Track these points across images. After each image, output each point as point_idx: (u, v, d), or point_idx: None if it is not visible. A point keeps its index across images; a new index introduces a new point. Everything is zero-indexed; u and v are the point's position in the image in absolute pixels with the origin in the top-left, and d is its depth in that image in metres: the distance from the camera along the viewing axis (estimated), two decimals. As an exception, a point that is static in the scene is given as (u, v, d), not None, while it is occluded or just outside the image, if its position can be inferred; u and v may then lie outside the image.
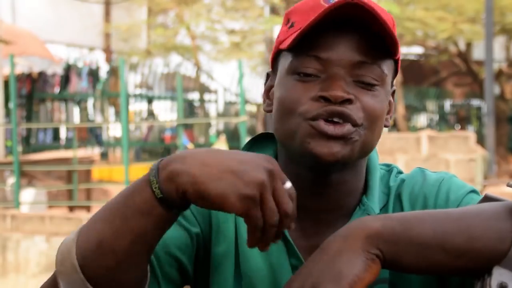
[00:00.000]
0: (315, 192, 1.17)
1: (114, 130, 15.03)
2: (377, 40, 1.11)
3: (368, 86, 1.12)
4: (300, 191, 1.12)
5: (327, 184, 1.16)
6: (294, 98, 1.12)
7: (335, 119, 1.10)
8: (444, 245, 0.97)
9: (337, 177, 1.16)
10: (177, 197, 0.98)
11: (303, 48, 1.12)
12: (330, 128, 1.10)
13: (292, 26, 1.16)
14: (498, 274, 0.96)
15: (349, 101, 1.10)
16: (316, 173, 1.15)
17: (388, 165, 1.27)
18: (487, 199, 1.06)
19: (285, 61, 1.15)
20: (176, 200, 0.98)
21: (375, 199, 1.19)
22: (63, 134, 15.01)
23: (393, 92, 1.21)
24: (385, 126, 1.19)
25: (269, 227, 0.95)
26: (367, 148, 1.15)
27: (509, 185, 1.04)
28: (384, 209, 1.20)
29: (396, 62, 1.17)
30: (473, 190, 1.19)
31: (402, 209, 1.19)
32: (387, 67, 1.14)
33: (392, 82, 1.19)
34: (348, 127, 1.10)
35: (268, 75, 1.25)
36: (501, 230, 0.97)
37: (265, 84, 1.25)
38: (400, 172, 1.26)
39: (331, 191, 1.17)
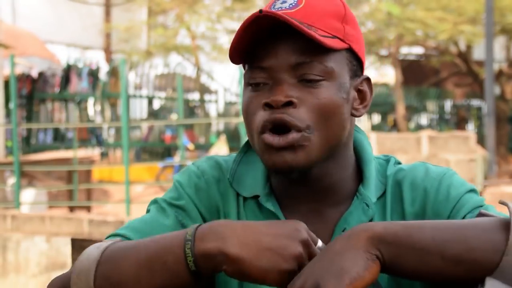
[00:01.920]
0: (300, 189, 1.21)
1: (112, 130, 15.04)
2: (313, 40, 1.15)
3: (312, 84, 1.15)
4: (287, 187, 1.20)
5: (308, 181, 1.19)
6: (250, 111, 1.17)
7: (280, 129, 1.14)
8: (443, 252, 1.00)
9: (316, 174, 1.19)
10: (211, 272, 1.04)
11: (249, 60, 1.18)
12: (274, 140, 1.13)
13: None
14: (491, 285, 0.99)
15: (291, 104, 1.14)
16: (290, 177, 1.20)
17: (386, 156, 1.30)
18: (481, 215, 1.10)
19: (244, 69, 1.21)
20: (209, 274, 1.04)
21: (371, 188, 1.21)
22: (63, 134, 15.01)
23: (368, 80, 1.24)
24: (356, 116, 1.21)
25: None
26: (328, 144, 1.17)
27: (501, 202, 1.07)
28: (382, 197, 1.22)
29: (351, 51, 1.19)
30: (473, 189, 1.21)
31: (401, 197, 1.21)
32: (333, 60, 1.16)
33: (356, 71, 1.21)
34: (292, 135, 1.13)
35: None
36: (495, 242, 1.01)
37: None
38: (398, 163, 1.28)
39: (315, 185, 1.20)
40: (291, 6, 1.17)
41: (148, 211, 1.26)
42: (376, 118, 20.48)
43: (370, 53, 17.60)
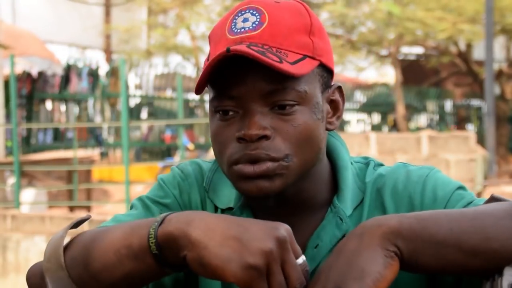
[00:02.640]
0: (273, 203, 1.15)
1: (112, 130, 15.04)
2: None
3: (286, 111, 1.09)
4: (264, 204, 1.14)
5: (283, 198, 1.14)
6: (220, 141, 1.11)
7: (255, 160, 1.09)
8: (461, 244, 0.96)
9: (290, 192, 1.14)
10: (173, 258, 0.96)
11: (215, 87, 1.11)
12: (249, 170, 1.07)
13: (208, 58, 1.15)
14: (509, 275, 0.96)
15: (265, 137, 1.08)
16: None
17: (365, 158, 1.25)
18: (493, 199, 1.05)
19: (209, 95, 1.15)
20: (171, 260, 0.97)
21: (346, 200, 1.16)
22: (63, 133, 15.02)
23: (339, 88, 1.18)
24: (330, 130, 1.16)
25: None
26: (305, 168, 1.12)
27: (494, 197, 1.05)
28: (359, 207, 1.17)
29: (322, 65, 1.14)
30: (461, 186, 1.16)
31: (383, 206, 1.16)
32: (305, 81, 1.10)
33: (327, 82, 1.15)
34: (268, 165, 1.08)
35: None
36: None
37: None
38: (380, 165, 1.23)
39: (290, 201, 1.15)
40: (254, 26, 1.10)
41: (132, 207, 1.23)
42: (376, 118, 20.49)
43: (370, 53, 17.60)
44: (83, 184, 10.32)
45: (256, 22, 1.11)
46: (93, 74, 15.68)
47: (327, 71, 1.15)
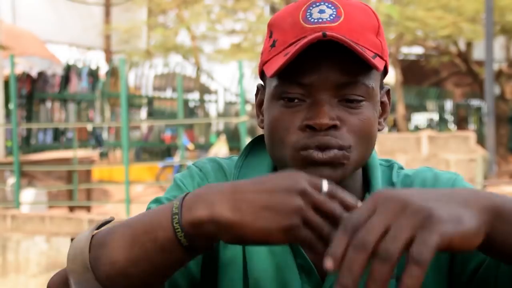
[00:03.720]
0: None
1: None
2: (359, 58, 1.09)
3: (354, 105, 1.11)
4: None
5: None
6: (282, 127, 1.12)
7: (323, 147, 1.10)
8: None
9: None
10: (205, 243, 0.96)
11: (285, 74, 1.11)
12: (318, 154, 1.09)
13: (273, 45, 1.14)
14: None
15: (334, 127, 1.10)
16: None
17: (388, 161, 1.27)
18: None
19: (270, 84, 1.15)
20: (201, 246, 0.97)
21: None
22: (63, 133, 15.02)
23: (388, 92, 1.21)
24: (379, 130, 1.18)
25: (326, 237, 0.91)
26: (360, 163, 1.15)
27: None
28: None
29: (384, 66, 1.16)
30: None
31: None
32: (373, 78, 1.13)
33: (381, 84, 1.18)
34: (334, 152, 1.09)
35: (257, 89, 1.24)
36: None
37: (256, 97, 1.25)
38: (401, 168, 1.25)
39: None
40: (332, 18, 1.11)
41: (148, 209, 1.20)
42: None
43: (370, 53, 17.60)
44: (83, 184, 10.32)
45: (333, 15, 1.12)
46: (93, 74, 15.68)
47: (384, 73, 1.18)
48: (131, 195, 8.91)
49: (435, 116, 21.23)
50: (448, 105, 21.69)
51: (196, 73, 18.69)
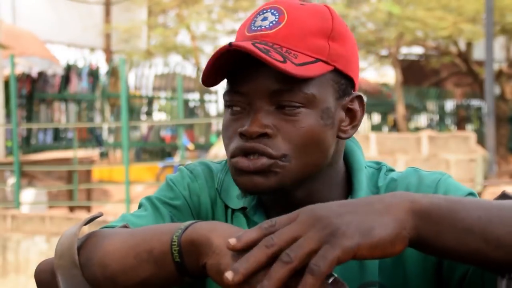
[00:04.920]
0: (286, 204, 1.16)
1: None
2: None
3: (290, 112, 1.10)
4: (274, 201, 1.17)
5: (295, 200, 1.15)
6: (227, 135, 1.14)
7: (251, 155, 1.10)
8: (486, 234, 0.94)
9: (301, 194, 1.15)
10: (193, 266, 0.95)
11: (228, 82, 1.13)
12: (244, 163, 1.09)
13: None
14: None
15: (266, 135, 1.09)
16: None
17: (377, 163, 1.25)
18: (505, 196, 1.04)
19: (223, 92, 1.17)
20: (191, 268, 0.96)
21: None
22: (63, 133, 15.02)
23: (359, 98, 1.17)
24: (342, 138, 1.15)
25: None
26: (308, 170, 1.12)
27: (505, 194, 1.04)
28: None
29: (338, 71, 1.13)
30: (471, 192, 1.16)
31: None
32: (316, 85, 1.10)
33: (345, 89, 1.15)
34: (262, 161, 1.09)
35: None
36: None
37: None
38: (391, 170, 1.23)
39: (304, 203, 1.12)
40: (271, 25, 1.11)
41: (140, 206, 1.22)
42: (376, 118, 20.50)
43: (370, 53, 17.61)
44: (83, 184, 10.32)
45: (274, 22, 1.12)
46: (93, 74, 15.68)
47: (345, 78, 1.15)
48: (131, 195, 8.91)
49: (435, 117, 21.24)
50: (448, 105, 21.69)
51: (196, 73, 18.69)
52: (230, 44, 1.06)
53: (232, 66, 1.11)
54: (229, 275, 0.86)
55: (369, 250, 0.87)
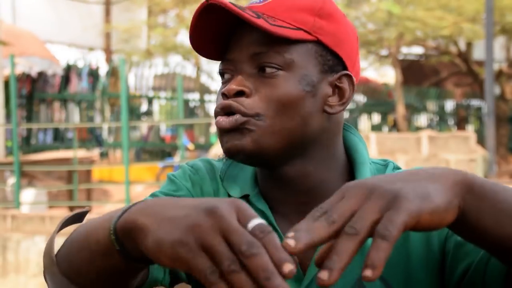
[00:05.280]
0: (284, 190, 1.19)
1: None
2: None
3: (269, 74, 1.14)
4: (272, 189, 1.19)
5: (288, 181, 1.18)
6: (217, 102, 1.18)
7: (229, 114, 1.14)
8: None
9: (292, 173, 1.17)
10: (135, 252, 0.89)
11: (222, 54, 1.19)
12: (219, 120, 1.14)
13: None
14: None
15: (242, 93, 1.14)
16: (260, 167, 1.20)
17: (384, 160, 1.26)
18: None
19: None
20: (134, 254, 0.90)
21: None
22: (63, 134, 15.01)
23: (348, 76, 1.19)
24: (329, 113, 1.17)
25: (228, 275, 0.77)
26: (286, 135, 1.14)
27: None
28: None
29: (323, 45, 1.16)
30: None
31: None
32: (295, 51, 1.14)
33: (332, 66, 1.17)
34: (236, 118, 1.13)
35: None
36: None
37: None
38: (397, 168, 1.24)
39: (297, 186, 1.18)
40: (261, 1, 1.18)
41: None
42: (376, 118, 20.49)
43: (370, 53, 17.60)
44: (83, 184, 10.32)
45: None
46: (93, 74, 15.68)
47: (333, 55, 1.18)
48: (131, 195, 8.91)
49: (435, 117, 21.24)
50: (448, 105, 21.69)
51: (196, 73, 18.69)
52: (207, 0, 1.11)
53: (224, 35, 1.17)
54: (290, 242, 0.78)
55: (430, 215, 0.84)
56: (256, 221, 0.80)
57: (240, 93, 1.14)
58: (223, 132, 1.14)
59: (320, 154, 1.18)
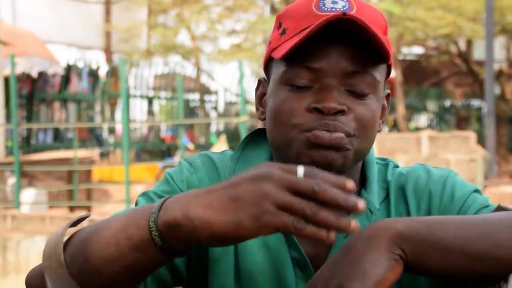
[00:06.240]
0: None
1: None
2: (369, 48, 1.11)
3: (360, 95, 1.12)
4: None
5: None
6: (288, 109, 1.12)
7: (331, 131, 1.11)
8: (468, 250, 0.97)
9: None
10: (180, 246, 0.95)
11: (295, 58, 1.12)
12: (325, 135, 1.10)
13: (284, 33, 1.15)
14: None
15: (341, 112, 1.11)
16: None
17: (384, 159, 1.28)
18: (500, 209, 1.07)
19: (277, 70, 1.15)
20: (177, 248, 0.95)
21: (374, 193, 1.19)
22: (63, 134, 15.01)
23: (388, 96, 1.21)
24: (378, 131, 1.19)
25: (312, 217, 0.87)
26: (360, 156, 1.16)
27: (500, 207, 1.06)
28: (385, 201, 1.20)
29: (388, 65, 1.17)
30: (477, 189, 1.19)
31: (406, 203, 1.19)
32: (379, 73, 1.14)
33: (384, 85, 1.18)
34: (341, 136, 1.11)
35: (259, 82, 1.25)
36: None
37: (256, 91, 1.25)
38: (396, 166, 1.26)
39: None
40: (345, 8, 1.12)
41: (137, 203, 1.22)
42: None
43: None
44: (83, 184, 10.31)
45: (346, 6, 1.13)
46: (93, 74, 15.67)
47: (387, 73, 1.19)
48: (131, 195, 8.90)
49: (435, 117, 21.23)
50: (448, 105, 21.68)
51: (196, 73, 18.68)
52: (344, 14, 1.06)
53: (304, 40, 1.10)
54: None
55: (379, 285, 0.94)
56: (300, 167, 0.90)
57: (338, 112, 1.11)
58: (319, 147, 1.10)
59: (354, 166, 1.20)
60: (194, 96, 18.90)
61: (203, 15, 17.75)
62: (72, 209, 9.77)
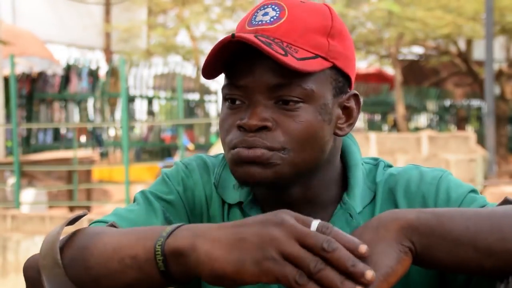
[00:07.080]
0: (282, 199, 1.17)
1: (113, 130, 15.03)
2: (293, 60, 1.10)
3: (290, 106, 1.10)
4: (269, 196, 1.17)
5: (290, 196, 1.16)
6: (225, 128, 1.14)
7: (251, 147, 1.10)
8: (476, 243, 0.95)
9: (297, 190, 1.16)
10: (182, 275, 0.94)
11: (226, 75, 1.14)
12: (244, 152, 1.09)
13: None
14: None
15: (266, 128, 1.10)
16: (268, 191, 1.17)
17: (375, 159, 1.26)
18: (507, 202, 1.05)
19: (222, 86, 1.17)
20: (178, 276, 0.95)
21: (356, 197, 1.17)
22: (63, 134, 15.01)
23: (356, 96, 1.18)
24: (339, 135, 1.16)
25: (316, 274, 0.85)
26: (302, 168, 1.13)
27: (507, 200, 1.04)
28: (370, 205, 1.18)
29: (338, 68, 1.14)
30: (473, 189, 1.17)
31: (395, 205, 1.17)
32: (315, 81, 1.11)
33: (342, 87, 1.15)
34: (262, 151, 1.09)
35: None
36: None
37: None
38: (389, 166, 1.23)
39: (298, 198, 1.17)
40: (272, 20, 1.12)
41: (134, 200, 1.22)
42: (376, 118, 20.48)
43: (370, 53, 17.60)
44: (83, 184, 10.31)
45: (275, 17, 1.12)
46: (93, 74, 15.67)
47: (343, 76, 1.16)
48: (131, 195, 8.91)
49: (435, 117, 21.24)
50: (448, 105, 21.68)
51: (196, 73, 18.68)
52: (233, 35, 1.07)
53: (231, 58, 1.11)
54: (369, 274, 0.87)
55: (389, 278, 0.92)
56: (315, 221, 0.88)
57: (262, 128, 1.10)
58: (243, 163, 1.10)
59: (324, 170, 1.17)
60: (194, 96, 18.90)
61: (203, 15, 17.75)
62: (72, 209, 9.77)
